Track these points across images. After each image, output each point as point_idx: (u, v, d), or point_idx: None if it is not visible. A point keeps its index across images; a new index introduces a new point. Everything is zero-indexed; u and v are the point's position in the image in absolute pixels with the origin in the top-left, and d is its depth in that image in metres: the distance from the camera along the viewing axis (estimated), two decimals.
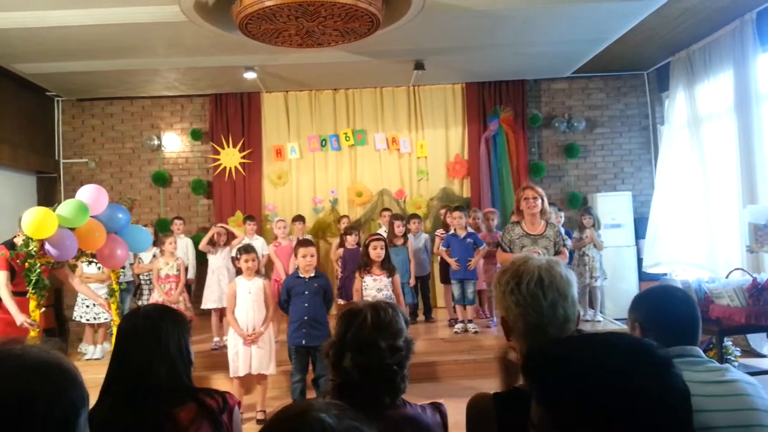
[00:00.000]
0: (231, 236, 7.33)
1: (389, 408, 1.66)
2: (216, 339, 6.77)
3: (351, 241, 7.05)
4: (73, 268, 5.57)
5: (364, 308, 1.73)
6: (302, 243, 5.42)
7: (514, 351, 1.64)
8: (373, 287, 5.23)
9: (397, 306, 1.80)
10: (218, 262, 7.01)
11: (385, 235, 6.89)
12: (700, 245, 7.56)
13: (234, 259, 5.34)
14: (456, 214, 6.89)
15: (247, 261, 5.25)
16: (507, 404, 1.49)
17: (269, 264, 7.47)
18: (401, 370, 1.69)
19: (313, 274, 5.18)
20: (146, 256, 7.16)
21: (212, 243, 7.12)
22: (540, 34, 6.69)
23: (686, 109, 7.90)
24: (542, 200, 5.12)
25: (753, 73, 6.51)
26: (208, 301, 6.94)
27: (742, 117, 6.63)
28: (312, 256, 5.18)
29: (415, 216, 7.85)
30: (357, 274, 5.40)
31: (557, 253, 5.08)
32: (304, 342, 5.07)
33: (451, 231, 7.00)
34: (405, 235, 7.24)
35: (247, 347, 5.12)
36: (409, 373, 1.76)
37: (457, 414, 1.69)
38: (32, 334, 4.43)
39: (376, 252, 5.25)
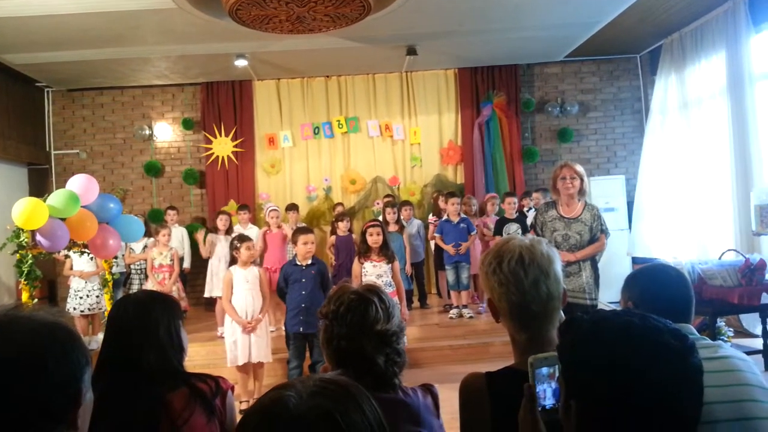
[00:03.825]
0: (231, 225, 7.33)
1: (379, 391, 1.64)
2: (221, 328, 6.74)
3: (342, 227, 7.04)
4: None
5: (369, 295, 1.66)
6: (302, 230, 5.40)
7: None
8: (373, 273, 5.21)
9: (381, 295, 1.72)
10: (226, 249, 6.96)
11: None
12: (691, 229, 7.59)
13: (233, 249, 5.31)
14: (452, 200, 6.90)
15: (249, 248, 5.24)
16: (499, 383, 1.49)
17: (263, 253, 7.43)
18: (394, 367, 1.68)
19: (310, 262, 5.19)
20: (137, 246, 7.13)
21: (214, 230, 7.14)
22: (532, 17, 6.65)
23: (678, 91, 7.91)
24: (581, 180, 4.60)
25: (746, 54, 6.50)
26: (216, 289, 6.87)
27: (736, 98, 6.63)
28: (312, 243, 5.19)
29: (406, 203, 7.84)
30: (356, 260, 5.39)
31: (593, 239, 4.58)
32: (301, 329, 5.08)
33: (444, 217, 7.02)
34: (399, 222, 7.24)
35: (246, 336, 5.12)
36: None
37: (452, 399, 1.68)
38: None
39: (373, 238, 5.23)
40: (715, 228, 7.17)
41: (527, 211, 7.36)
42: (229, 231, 7.14)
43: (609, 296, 7.68)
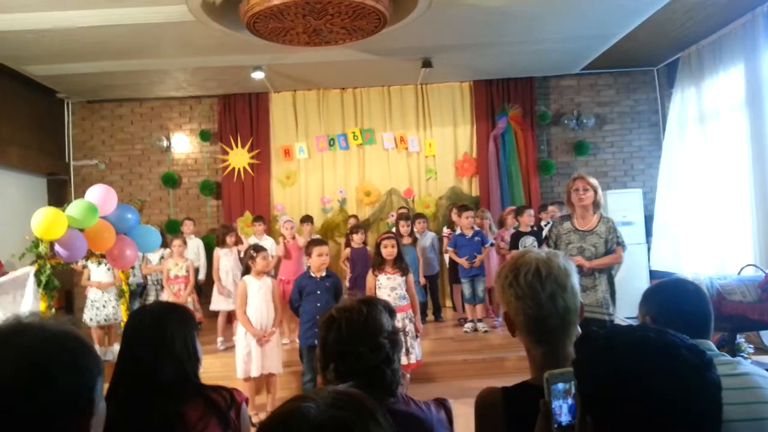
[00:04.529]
0: (239, 238, 7.34)
1: (391, 403, 1.64)
2: (220, 339, 6.74)
3: (357, 239, 7.04)
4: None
5: (337, 315, 1.69)
6: (316, 242, 5.41)
7: None
8: (387, 286, 5.16)
9: (376, 300, 1.76)
10: (232, 262, 6.98)
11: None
12: (709, 243, 7.50)
13: (248, 259, 5.31)
14: (466, 213, 6.88)
15: (265, 258, 5.27)
16: (516, 399, 1.48)
17: (279, 264, 7.42)
18: (389, 366, 1.67)
19: (324, 274, 5.18)
20: (154, 257, 7.18)
21: (222, 243, 7.10)
22: (548, 30, 6.65)
23: (696, 104, 7.85)
24: (595, 192, 4.55)
25: (764, 67, 6.44)
26: (222, 303, 6.90)
27: (754, 112, 6.57)
28: (326, 255, 5.21)
29: (420, 216, 7.83)
30: (370, 273, 5.37)
31: (609, 251, 4.52)
32: (316, 342, 5.03)
33: (458, 230, 6.99)
34: (412, 234, 7.22)
35: (259, 347, 5.11)
36: (417, 373, 1.76)
37: (467, 414, 1.67)
38: None
39: (387, 251, 5.19)
40: (734, 242, 7.08)
41: (544, 224, 7.31)
42: (237, 244, 7.14)
43: (626, 311, 7.60)
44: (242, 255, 6.48)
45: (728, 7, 6.48)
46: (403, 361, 4.77)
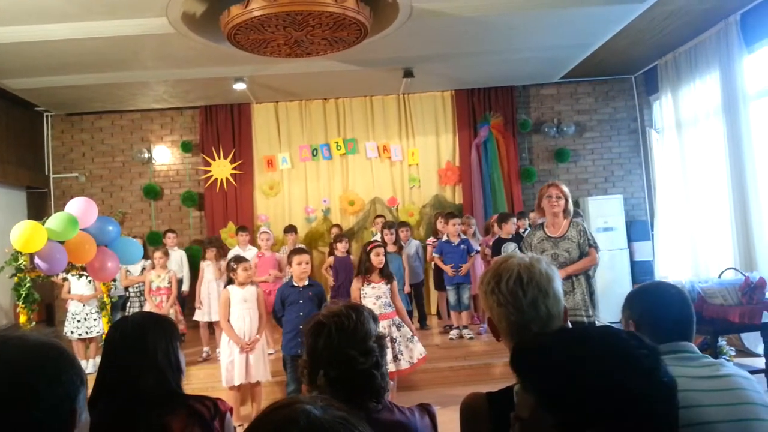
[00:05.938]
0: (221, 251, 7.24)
1: (376, 412, 1.64)
2: (206, 349, 6.69)
3: (341, 248, 7.04)
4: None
5: (326, 320, 1.69)
6: (296, 251, 5.39)
7: None
8: (372, 295, 5.16)
9: (361, 307, 1.76)
10: (211, 275, 6.91)
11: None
12: (691, 248, 7.59)
13: (230, 271, 5.30)
14: (453, 221, 6.90)
15: (246, 269, 5.24)
16: (500, 403, 1.48)
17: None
18: (378, 370, 1.67)
19: (307, 283, 5.16)
20: (135, 269, 7.10)
21: (203, 257, 7.03)
22: (527, 40, 6.71)
23: (674, 111, 7.97)
24: (566, 200, 4.67)
25: (739, 74, 6.56)
26: (198, 314, 6.84)
27: (730, 118, 6.68)
28: (307, 263, 5.17)
29: (403, 224, 7.84)
30: (355, 282, 5.35)
31: (582, 254, 4.58)
32: (299, 352, 5.02)
33: (443, 238, 7.00)
34: (397, 243, 7.23)
35: (242, 355, 5.09)
36: (403, 381, 1.76)
37: (453, 421, 1.67)
38: None
39: (379, 258, 5.18)
40: (714, 247, 7.17)
41: (523, 232, 7.35)
42: (219, 258, 7.05)
43: (609, 316, 7.65)
44: (223, 267, 6.49)
45: (703, 15, 6.60)
46: (391, 368, 4.77)
